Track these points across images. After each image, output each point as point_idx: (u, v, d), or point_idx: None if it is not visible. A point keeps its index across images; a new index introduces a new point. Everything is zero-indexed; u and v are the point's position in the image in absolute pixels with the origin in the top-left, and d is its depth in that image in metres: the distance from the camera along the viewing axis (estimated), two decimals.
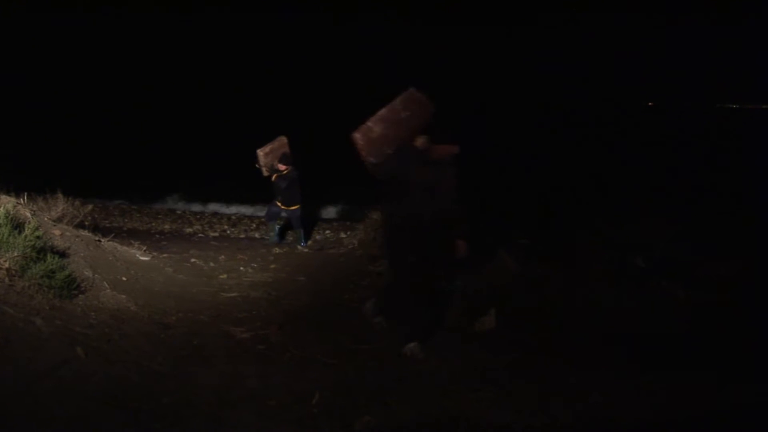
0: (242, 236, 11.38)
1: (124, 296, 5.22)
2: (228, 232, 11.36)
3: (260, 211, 12.69)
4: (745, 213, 8.42)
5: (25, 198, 6.13)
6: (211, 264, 7.81)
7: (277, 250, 9.24)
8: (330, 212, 14.10)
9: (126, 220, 12.50)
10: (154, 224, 12.32)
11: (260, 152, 9.68)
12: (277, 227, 10.34)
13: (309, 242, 10.37)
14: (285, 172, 9.64)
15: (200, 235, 11.37)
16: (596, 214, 8.69)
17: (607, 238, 6.96)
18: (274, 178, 9.72)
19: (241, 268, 7.66)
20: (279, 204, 9.86)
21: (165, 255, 8.02)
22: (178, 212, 13.71)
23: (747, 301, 5.10)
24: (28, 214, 5.43)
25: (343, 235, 10.83)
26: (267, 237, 10.20)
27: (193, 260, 7.91)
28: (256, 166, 9.75)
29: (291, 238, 11.05)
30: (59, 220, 6.48)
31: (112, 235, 7.44)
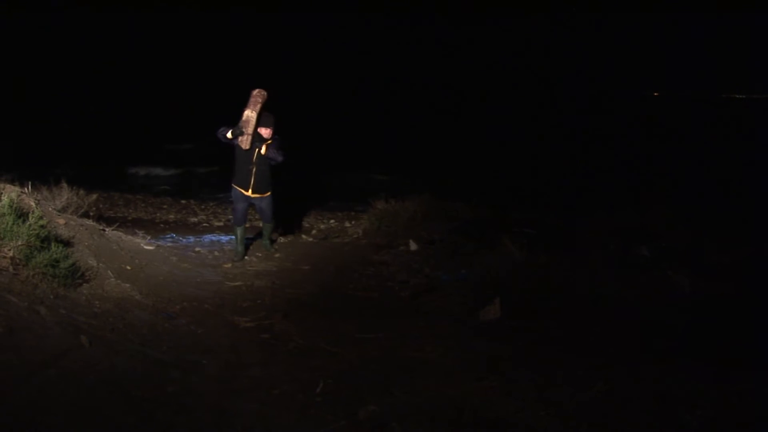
0: (247, 225, 11.37)
1: (128, 285, 5.23)
2: (232, 221, 11.34)
3: None
4: (750, 201, 8.37)
5: (30, 187, 6.13)
6: (216, 253, 7.82)
7: (281, 239, 9.24)
8: (334, 201, 14.07)
9: (130, 210, 12.50)
10: (158, 214, 12.33)
11: (252, 113, 7.14)
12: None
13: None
14: (270, 140, 7.35)
15: (205, 224, 11.38)
16: (601, 203, 8.66)
17: (611, 227, 6.94)
18: (263, 150, 7.25)
19: (246, 257, 7.66)
20: (246, 192, 7.43)
21: (169, 244, 8.03)
22: (183, 202, 13.71)
23: (752, 290, 5.07)
24: (32, 204, 5.43)
25: (347, 224, 10.82)
26: (234, 256, 7.60)
27: (197, 249, 7.92)
28: (230, 137, 7.16)
29: (295, 230, 11.07)
30: (64, 209, 6.49)
31: (117, 224, 7.45)
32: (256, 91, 7.30)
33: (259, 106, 7.20)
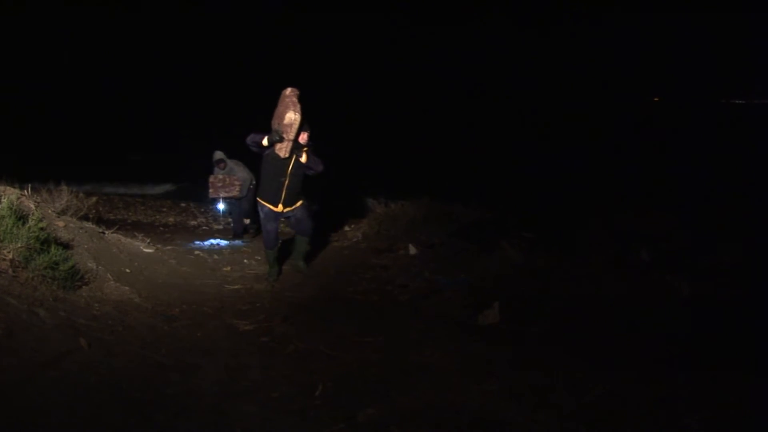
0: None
1: (127, 288, 5.23)
2: (232, 225, 11.34)
3: None
4: (749, 205, 8.38)
5: (29, 190, 6.14)
6: (215, 256, 7.82)
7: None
8: (334, 205, 14.06)
9: (130, 213, 12.52)
10: (158, 217, 12.35)
11: (296, 115, 6.16)
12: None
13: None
14: (306, 147, 6.44)
15: (204, 227, 11.39)
16: (600, 207, 8.66)
17: (610, 230, 6.94)
18: (304, 158, 6.38)
19: (245, 260, 7.67)
20: (276, 207, 6.49)
21: (169, 247, 8.03)
22: (182, 205, 13.72)
23: (751, 293, 5.08)
24: (32, 206, 5.44)
25: (347, 228, 10.82)
26: (269, 275, 6.80)
27: (197, 252, 7.93)
28: (265, 144, 6.26)
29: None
30: (63, 212, 6.49)
31: (116, 227, 7.45)
32: (289, 91, 6.29)
33: (299, 107, 6.18)
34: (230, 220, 10.30)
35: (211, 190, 9.11)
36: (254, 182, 9.17)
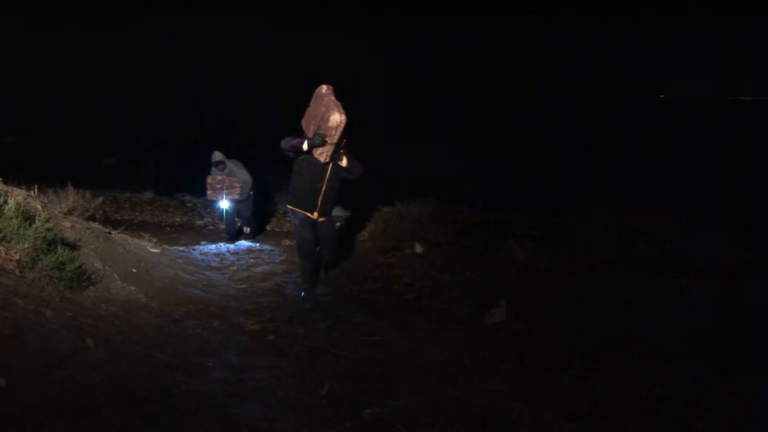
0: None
1: (134, 288, 5.23)
2: (239, 224, 11.37)
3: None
4: (756, 203, 8.33)
5: (36, 190, 6.15)
6: (222, 256, 7.82)
7: (287, 242, 9.23)
8: (340, 205, 14.05)
9: (136, 213, 12.53)
10: (164, 217, 12.35)
11: (343, 117, 5.46)
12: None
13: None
14: (343, 149, 5.76)
15: (210, 227, 11.39)
16: (607, 206, 8.63)
17: (617, 229, 6.92)
18: (344, 162, 5.74)
19: (251, 259, 7.67)
20: (312, 214, 5.86)
21: (175, 247, 8.04)
22: (189, 205, 13.72)
23: (757, 292, 5.05)
24: (39, 207, 5.44)
25: (353, 227, 10.82)
26: (303, 291, 6.18)
27: (203, 252, 7.93)
28: (305, 149, 5.60)
29: None
30: (70, 212, 6.49)
31: (123, 227, 7.46)
32: (324, 89, 5.67)
33: (341, 106, 5.54)
34: (236, 219, 10.16)
35: (209, 192, 8.81)
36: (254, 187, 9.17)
